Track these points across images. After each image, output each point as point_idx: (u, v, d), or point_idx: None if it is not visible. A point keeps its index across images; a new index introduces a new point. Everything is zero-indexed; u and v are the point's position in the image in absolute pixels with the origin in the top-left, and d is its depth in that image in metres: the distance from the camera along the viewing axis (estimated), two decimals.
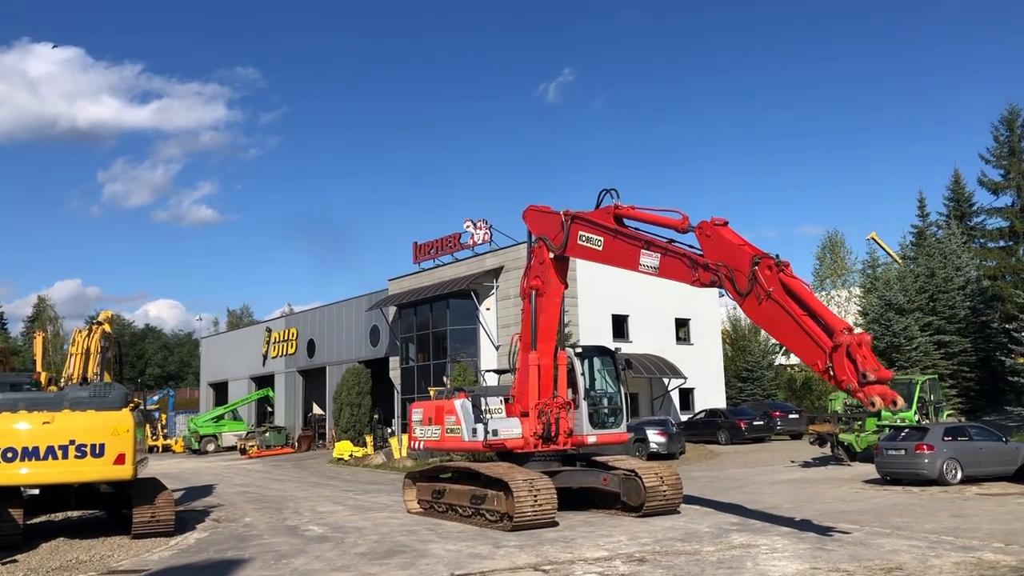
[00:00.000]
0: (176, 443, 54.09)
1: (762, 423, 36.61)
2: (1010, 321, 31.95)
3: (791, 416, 38.30)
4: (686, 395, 42.39)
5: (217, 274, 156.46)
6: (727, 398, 44.67)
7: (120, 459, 14.38)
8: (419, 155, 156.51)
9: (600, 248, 15.34)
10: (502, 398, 17.55)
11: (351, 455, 36.01)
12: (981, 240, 43.95)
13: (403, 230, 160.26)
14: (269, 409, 54.86)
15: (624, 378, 17.75)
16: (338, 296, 49.48)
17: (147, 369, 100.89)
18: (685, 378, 39.86)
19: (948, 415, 28.29)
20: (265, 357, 55.43)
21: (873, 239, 55.93)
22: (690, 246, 13.75)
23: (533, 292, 16.98)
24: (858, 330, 11.95)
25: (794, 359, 53.21)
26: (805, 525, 14.34)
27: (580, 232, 15.71)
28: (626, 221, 15.06)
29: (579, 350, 17.71)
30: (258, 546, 14.04)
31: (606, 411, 17.38)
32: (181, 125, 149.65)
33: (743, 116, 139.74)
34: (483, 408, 16.67)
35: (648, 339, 39.56)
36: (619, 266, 15.24)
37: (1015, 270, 38.31)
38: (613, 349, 18.16)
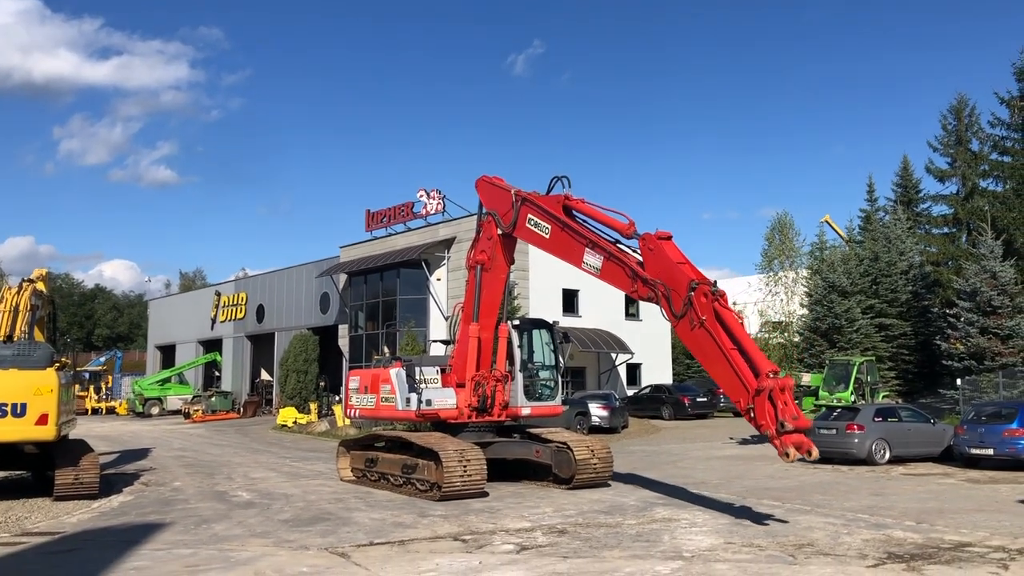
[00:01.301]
0: (120, 405, 53.32)
1: (706, 400, 37.09)
2: (950, 307, 32.59)
3: None
4: (633, 370, 42.77)
5: (174, 236, 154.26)
6: (674, 374, 45.18)
7: (43, 419, 14.13)
8: (380, 122, 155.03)
9: (547, 236, 15.13)
10: (438, 368, 17.54)
11: (295, 422, 35.82)
12: (926, 226, 44.80)
13: (360, 197, 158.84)
14: (216, 374, 54.30)
15: (562, 351, 17.81)
16: (294, 262, 48.79)
17: (96, 330, 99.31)
18: (632, 353, 40.19)
19: (884, 396, 28.91)
20: (214, 321, 54.75)
21: (827, 222, 56.66)
22: (635, 250, 13.67)
23: (479, 267, 16.91)
24: (783, 373, 11.91)
25: None
26: (729, 501, 14.57)
27: (529, 215, 15.50)
28: (575, 214, 14.84)
29: (516, 322, 17.72)
30: (182, 511, 13.91)
31: (542, 384, 17.44)
32: (141, 83, 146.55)
33: (707, 99, 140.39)
34: (418, 378, 16.63)
35: (598, 314, 39.75)
36: (563, 259, 15.03)
37: (956, 256, 39.07)
38: (551, 322, 18.19)
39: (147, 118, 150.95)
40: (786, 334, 44.48)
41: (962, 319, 30.44)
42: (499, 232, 16.46)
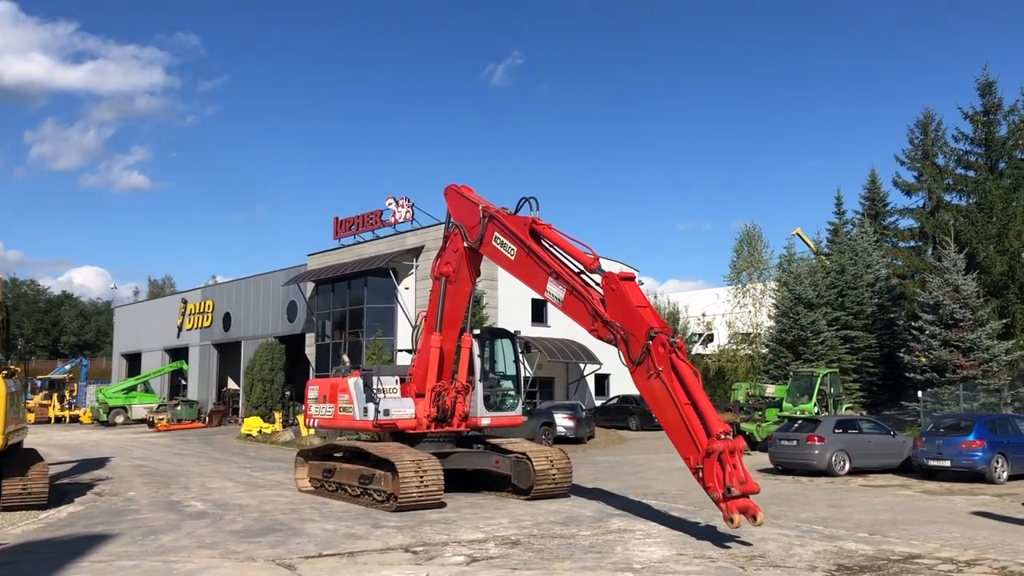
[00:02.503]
0: (84, 414, 52.51)
1: None
2: (914, 319, 32.88)
3: None
4: (602, 381, 42.79)
5: (145, 243, 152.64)
6: None
7: None
8: (355, 128, 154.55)
9: (512, 258, 14.84)
10: (398, 378, 17.41)
11: (259, 431, 35.42)
12: (893, 239, 45.18)
13: (332, 206, 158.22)
14: (183, 382, 53.64)
15: (528, 361, 17.74)
16: (264, 270, 48.34)
17: (62, 337, 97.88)
18: (600, 364, 40.16)
19: (847, 408, 29.09)
20: (180, 329, 54.14)
21: (798, 235, 57.15)
22: (598, 284, 13.49)
23: (443, 279, 16.77)
24: (731, 436, 11.71)
25: (711, 349, 54.16)
26: (686, 512, 14.56)
27: (496, 234, 15.22)
28: (542, 239, 14.58)
29: (477, 332, 17.63)
30: (132, 521, 13.66)
31: (502, 394, 17.36)
32: (116, 88, 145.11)
33: (685, 112, 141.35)
34: (375, 387, 16.49)
35: (566, 324, 39.22)
36: (526, 283, 14.80)
37: (920, 270, 39.46)
38: (513, 332, 18.12)
39: (121, 123, 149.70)
40: (754, 346, 44.74)
41: (925, 332, 30.74)
42: (465, 245, 16.21)
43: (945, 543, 11.75)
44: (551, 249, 14.42)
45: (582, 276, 13.84)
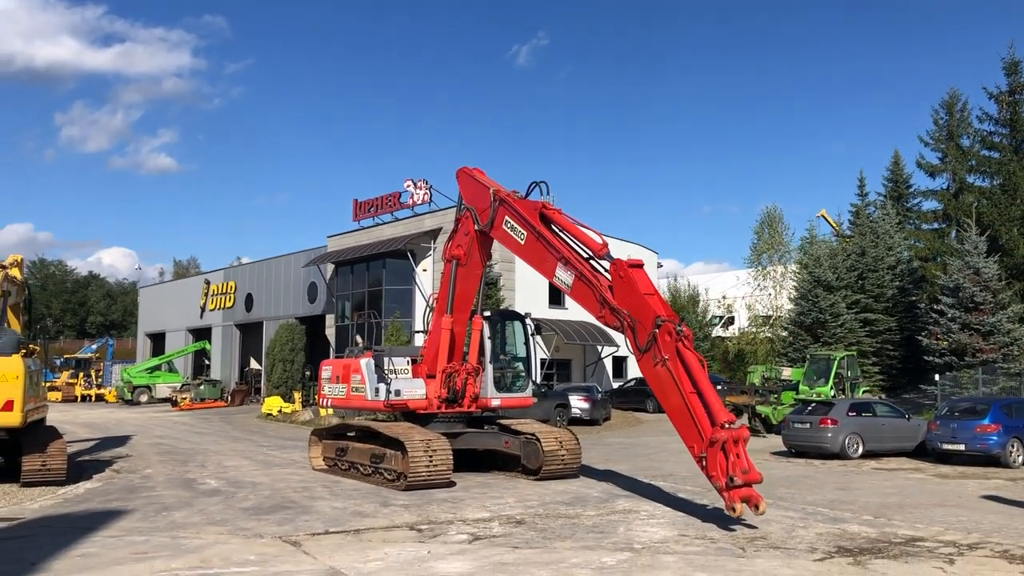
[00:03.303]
0: (109, 393, 53.34)
1: None
2: (935, 302, 32.58)
3: (717, 388, 38.77)
4: (620, 363, 42.83)
5: (172, 224, 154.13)
6: None
7: (8, 406, 14.12)
8: (376, 109, 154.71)
9: (522, 242, 14.93)
10: (409, 359, 17.56)
11: (280, 411, 35.87)
12: (916, 221, 44.68)
13: (352, 188, 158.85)
14: (206, 362, 54.31)
15: (533, 343, 17.83)
16: (286, 251, 48.74)
17: (89, 317, 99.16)
18: (618, 346, 40.12)
19: (864, 391, 28.96)
20: (203, 309, 54.74)
21: (823, 216, 56.68)
22: (607, 271, 13.50)
23: (455, 261, 16.88)
24: (738, 424, 11.84)
25: (731, 331, 54.01)
26: (693, 494, 14.62)
27: (506, 217, 15.31)
28: (552, 224, 14.61)
29: (488, 314, 17.73)
30: (146, 498, 13.93)
31: (512, 375, 17.47)
32: (143, 70, 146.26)
33: (710, 94, 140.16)
34: (387, 368, 16.64)
35: None
36: (535, 268, 14.88)
37: (943, 252, 39.03)
38: (523, 314, 18.21)
39: (148, 105, 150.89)
40: (773, 328, 44.57)
41: (945, 315, 30.46)
42: (476, 228, 16.29)
43: (950, 526, 11.75)
44: (560, 234, 14.45)
45: (591, 262, 13.85)
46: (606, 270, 13.54)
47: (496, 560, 9.38)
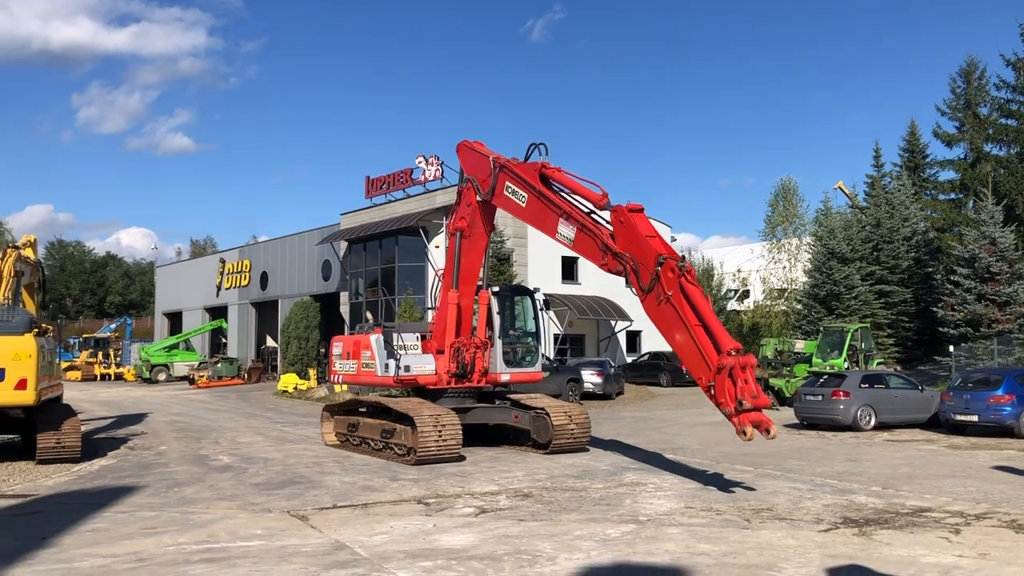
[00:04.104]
0: (128, 372, 53.87)
1: None
2: (951, 273, 32.30)
3: None
4: (633, 338, 42.78)
5: (189, 203, 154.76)
6: None
7: (22, 384, 14.28)
8: (389, 86, 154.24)
9: (524, 205, 14.99)
10: (419, 335, 17.61)
11: (295, 388, 36.13)
12: (932, 192, 44.22)
13: (365, 164, 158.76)
14: (223, 340, 54.69)
15: (542, 318, 17.83)
16: (301, 229, 48.88)
17: (108, 297, 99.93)
18: (631, 321, 40.12)
19: (878, 363, 28.80)
20: (219, 288, 55.05)
21: (840, 188, 56.11)
22: (609, 222, 13.55)
23: (458, 234, 16.90)
24: (747, 354, 11.84)
25: (745, 305, 53.79)
26: (702, 466, 14.64)
27: (507, 183, 15.35)
28: (552, 183, 14.68)
29: (496, 289, 17.74)
30: (158, 474, 14.09)
31: (522, 350, 17.49)
32: (159, 51, 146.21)
33: (727, 70, 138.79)
34: (396, 344, 16.70)
35: (597, 281, 39.60)
36: (538, 228, 14.94)
37: (960, 222, 38.62)
38: (532, 289, 18.21)
39: (165, 86, 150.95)
40: (788, 301, 44.35)
41: (961, 286, 30.21)
42: (478, 199, 16.33)
43: (958, 497, 11.71)
44: (561, 192, 14.53)
45: (592, 215, 13.90)
46: (608, 222, 13.56)
47: (501, 533, 9.44)
